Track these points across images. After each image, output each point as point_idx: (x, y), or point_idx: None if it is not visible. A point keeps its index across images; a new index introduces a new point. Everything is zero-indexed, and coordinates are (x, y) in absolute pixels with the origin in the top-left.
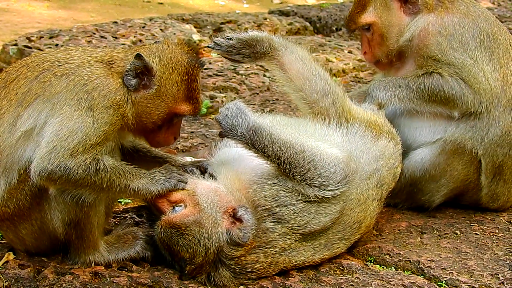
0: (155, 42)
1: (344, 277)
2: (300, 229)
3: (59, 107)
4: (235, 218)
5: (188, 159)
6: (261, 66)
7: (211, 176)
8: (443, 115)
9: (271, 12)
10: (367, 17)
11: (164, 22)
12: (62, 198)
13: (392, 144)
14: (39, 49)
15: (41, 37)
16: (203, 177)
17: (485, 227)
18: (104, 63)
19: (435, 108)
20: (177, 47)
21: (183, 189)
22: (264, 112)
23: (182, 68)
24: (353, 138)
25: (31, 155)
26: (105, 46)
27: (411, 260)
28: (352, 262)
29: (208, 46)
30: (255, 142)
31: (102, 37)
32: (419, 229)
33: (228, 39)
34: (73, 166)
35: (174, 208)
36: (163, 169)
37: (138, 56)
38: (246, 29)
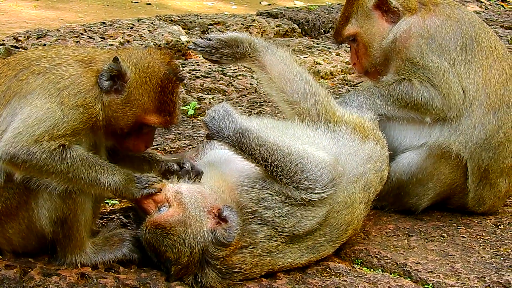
0: (144, 46)
1: (331, 280)
2: (286, 232)
3: (30, 101)
4: (220, 218)
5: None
6: (249, 68)
7: (196, 173)
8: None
9: (259, 14)
10: (350, 28)
11: (152, 23)
12: (49, 195)
13: (379, 147)
14: (26, 49)
15: (28, 37)
16: (186, 177)
17: (472, 230)
18: (82, 62)
19: (407, 114)
20: (158, 56)
21: (152, 193)
22: (251, 114)
23: (157, 79)
24: (341, 141)
25: None
26: (92, 47)
27: (398, 262)
28: (339, 264)
29: (188, 47)
30: (242, 145)
31: (90, 37)
32: (406, 232)
33: (208, 39)
34: (36, 152)
35: (159, 208)
36: (147, 174)
37: (115, 59)
38: (234, 30)
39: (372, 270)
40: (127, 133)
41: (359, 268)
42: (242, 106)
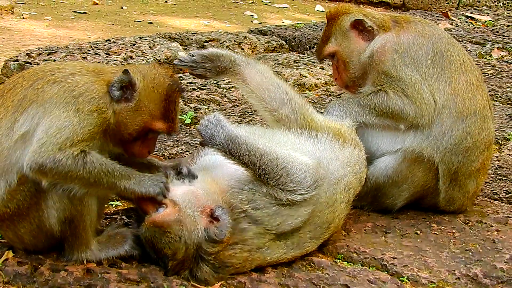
0: (146, 61)
1: (315, 273)
2: (273, 230)
3: (49, 110)
4: (213, 217)
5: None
6: (231, 80)
7: (192, 177)
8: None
9: (250, 32)
10: (330, 47)
11: (153, 40)
12: (58, 197)
13: (357, 151)
14: (38, 65)
15: (40, 54)
16: (182, 181)
17: (443, 227)
18: (94, 72)
19: (383, 121)
20: (162, 70)
21: (164, 197)
22: (243, 122)
23: (162, 89)
24: (323, 146)
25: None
26: (98, 62)
27: (376, 257)
28: (322, 259)
29: (174, 63)
30: (232, 151)
31: (96, 53)
32: (383, 229)
33: (191, 55)
34: (61, 159)
35: (157, 209)
36: (153, 176)
37: (125, 71)
38: (227, 46)
39: (352, 264)
40: (134, 139)
41: (340, 263)
42: (235, 115)
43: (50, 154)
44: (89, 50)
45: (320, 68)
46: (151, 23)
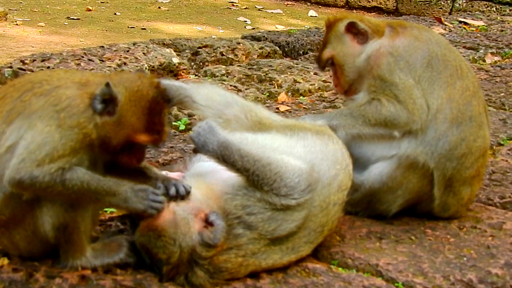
0: (138, 69)
1: (309, 279)
2: (268, 235)
3: (34, 124)
4: (207, 222)
5: (163, 172)
6: (235, 86)
7: (181, 198)
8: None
9: (244, 37)
10: (327, 52)
11: (146, 46)
12: (52, 204)
13: (338, 146)
14: (32, 71)
15: (34, 60)
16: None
17: (438, 233)
18: (79, 84)
19: (377, 130)
20: (147, 81)
21: (154, 211)
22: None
23: (146, 102)
24: (313, 148)
25: None
26: (92, 69)
27: (370, 263)
28: (317, 265)
29: None
30: (225, 157)
31: (90, 60)
32: (378, 235)
33: None
34: (38, 175)
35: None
36: (141, 191)
37: (107, 85)
38: (221, 52)
39: (347, 270)
40: (121, 150)
41: (335, 269)
42: None
43: (27, 171)
44: (82, 57)
45: (313, 74)
46: (145, 29)
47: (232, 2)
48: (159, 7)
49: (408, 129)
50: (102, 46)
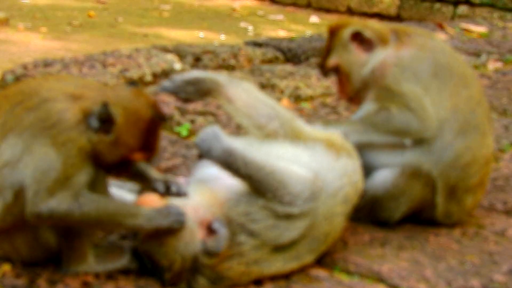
0: (142, 74)
1: (312, 286)
2: (271, 243)
3: (28, 144)
4: (210, 230)
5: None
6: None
7: (183, 194)
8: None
9: (246, 43)
10: (332, 61)
11: (148, 52)
12: None
13: (351, 161)
14: (34, 77)
15: (36, 66)
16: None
17: (440, 239)
18: (72, 96)
19: (387, 139)
20: (144, 100)
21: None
22: (239, 134)
23: (144, 123)
24: (319, 157)
25: (19, 178)
26: (94, 75)
27: (373, 269)
28: (320, 271)
29: (158, 90)
30: (229, 164)
31: (92, 66)
32: (381, 242)
33: (172, 81)
34: (54, 206)
35: None
36: (163, 208)
37: (105, 104)
38: (223, 58)
39: (349, 276)
40: (111, 165)
41: (337, 275)
42: (231, 127)
43: (44, 203)
44: (85, 63)
45: (316, 80)
46: (146, 35)
47: (234, 8)
48: (161, 13)
49: (420, 137)
50: (104, 52)
